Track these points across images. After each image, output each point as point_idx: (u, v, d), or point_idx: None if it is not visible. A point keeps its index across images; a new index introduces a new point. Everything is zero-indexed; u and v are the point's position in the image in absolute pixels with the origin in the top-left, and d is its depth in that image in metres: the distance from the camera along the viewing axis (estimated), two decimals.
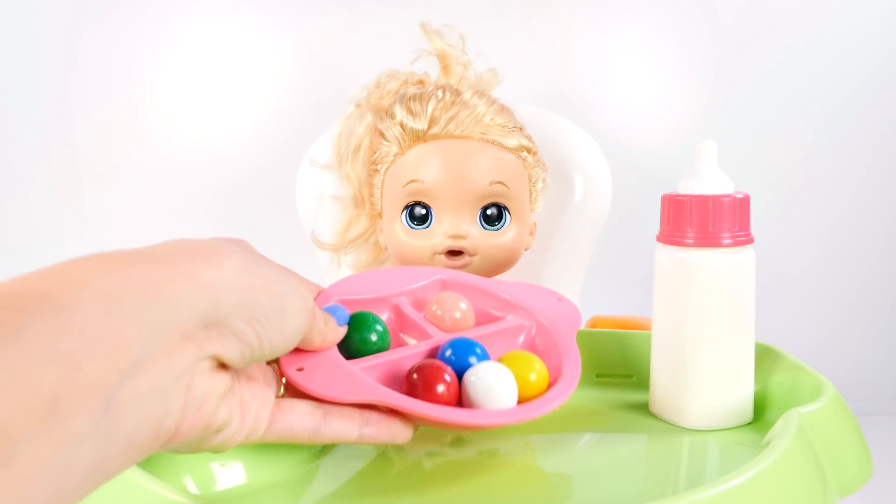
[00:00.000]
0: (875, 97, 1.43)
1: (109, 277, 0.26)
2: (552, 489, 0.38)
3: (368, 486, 0.39)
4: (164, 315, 0.27)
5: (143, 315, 0.26)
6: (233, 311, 0.29)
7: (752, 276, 0.45)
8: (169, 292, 0.27)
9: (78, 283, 0.25)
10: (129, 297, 0.26)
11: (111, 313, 0.25)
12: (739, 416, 0.45)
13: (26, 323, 0.23)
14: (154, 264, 0.28)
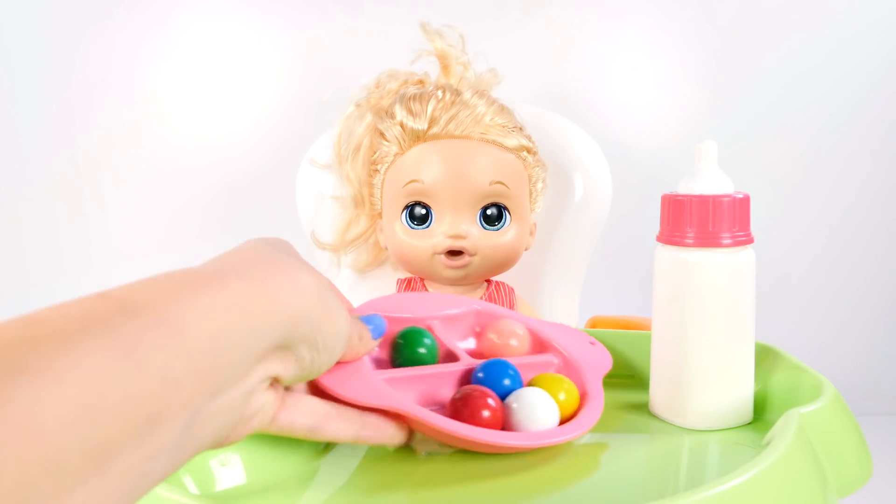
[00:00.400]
0: (875, 97, 1.43)
1: (214, 300, 0.27)
2: (553, 489, 0.38)
3: (368, 486, 0.39)
4: (257, 340, 0.28)
5: (242, 341, 0.28)
6: (302, 339, 0.31)
7: (752, 277, 0.45)
8: (262, 317, 0.28)
9: (187, 302, 0.26)
10: (232, 322, 0.27)
11: (216, 338, 0.26)
12: (739, 417, 0.45)
13: (139, 338, 0.24)
14: (246, 281, 0.28)
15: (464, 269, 0.68)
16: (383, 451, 0.43)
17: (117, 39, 1.29)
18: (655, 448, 0.44)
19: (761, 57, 1.40)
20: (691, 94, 1.41)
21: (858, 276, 1.50)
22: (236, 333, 0.27)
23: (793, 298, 1.48)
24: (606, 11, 1.36)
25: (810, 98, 1.42)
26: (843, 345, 1.51)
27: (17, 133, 1.30)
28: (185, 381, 0.25)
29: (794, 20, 1.39)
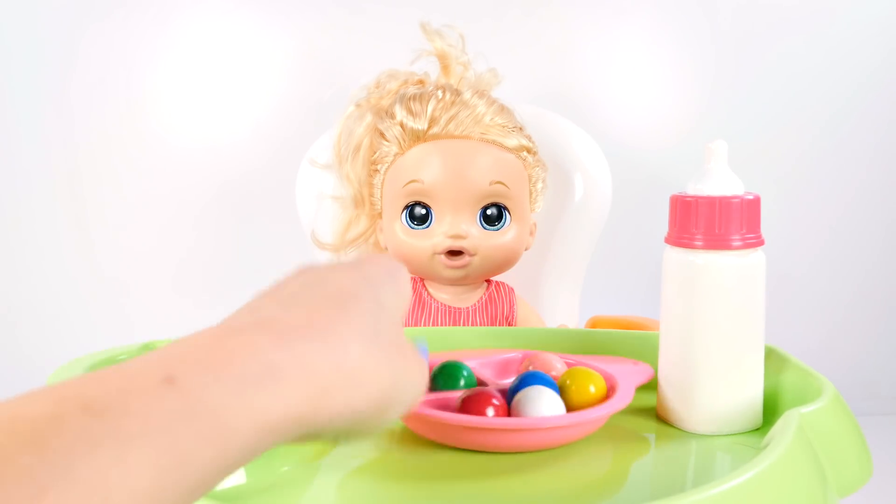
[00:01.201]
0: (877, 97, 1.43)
1: (268, 405, 0.24)
2: (558, 491, 0.38)
3: (368, 486, 0.39)
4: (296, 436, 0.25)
5: (282, 438, 0.24)
6: (330, 420, 0.26)
7: (763, 280, 0.44)
8: (312, 422, 0.25)
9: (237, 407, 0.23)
10: (282, 427, 0.24)
11: (261, 438, 0.24)
12: (748, 422, 0.45)
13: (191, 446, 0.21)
14: (301, 381, 0.25)
15: (464, 269, 0.68)
16: (383, 451, 0.43)
17: (117, 39, 1.29)
18: (662, 453, 0.44)
19: (762, 56, 1.40)
20: (691, 94, 1.41)
21: (858, 276, 1.50)
22: (281, 436, 0.24)
23: (792, 298, 1.48)
24: (606, 11, 1.36)
25: (811, 98, 1.42)
26: (843, 345, 1.51)
27: (16, 133, 1.30)
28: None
29: (795, 19, 1.39)
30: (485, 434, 0.40)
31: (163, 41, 1.30)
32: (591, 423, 0.42)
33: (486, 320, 0.71)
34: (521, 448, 0.41)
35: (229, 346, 0.24)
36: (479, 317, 0.71)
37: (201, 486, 0.22)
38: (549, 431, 0.41)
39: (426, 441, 0.43)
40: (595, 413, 0.41)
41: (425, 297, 0.71)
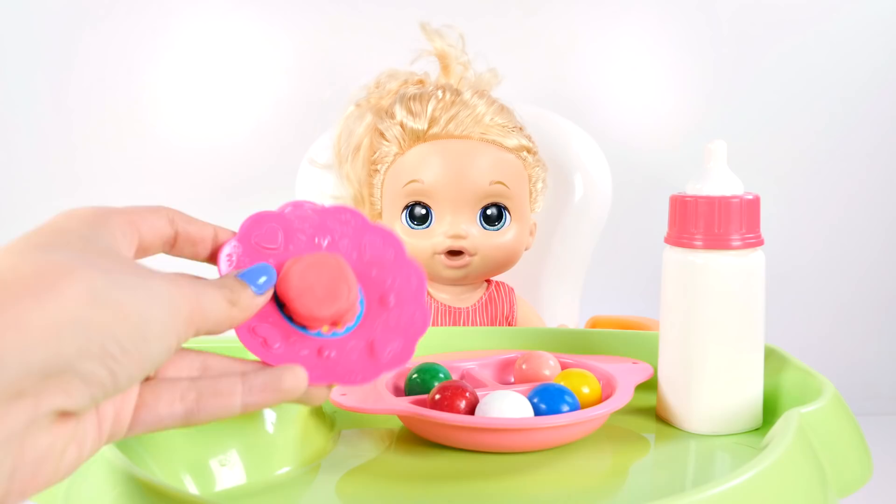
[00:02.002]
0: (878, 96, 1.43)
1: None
2: (557, 492, 0.38)
3: (368, 486, 0.39)
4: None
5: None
6: (78, 355, 0.24)
7: (762, 280, 0.44)
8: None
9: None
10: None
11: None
12: (748, 422, 0.45)
13: None
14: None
15: (464, 269, 0.68)
16: (383, 451, 0.43)
17: (116, 39, 1.29)
18: (661, 453, 0.44)
19: (761, 57, 1.40)
20: (692, 94, 1.40)
21: (858, 275, 1.50)
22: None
23: (792, 298, 1.47)
24: (606, 11, 1.36)
25: (811, 98, 1.42)
26: (843, 345, 1.51)
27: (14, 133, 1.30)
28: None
29: (795, 20, 1.39)
30: (484, 434, 0.40)
31: (163, 41, 1.30)
32: (591, 423, 0.42)
33: (486, 320, 0.71)
34: (520, 448, 0.41)
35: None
36: (479, 317, 0.71)
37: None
38: (548, 431, 0.41)
39: (425, 441, 0.43)
40: (595, 412, 0.41)
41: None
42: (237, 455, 0.39)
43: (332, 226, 0.36)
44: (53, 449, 0.25)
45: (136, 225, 0.31)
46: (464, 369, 0.49)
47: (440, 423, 0.41)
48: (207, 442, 0.38)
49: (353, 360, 0.34)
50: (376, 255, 0.36)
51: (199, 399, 0.30)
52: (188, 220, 0.33)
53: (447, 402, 0.41)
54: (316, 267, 0.33)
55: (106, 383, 0.25)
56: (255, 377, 0.31)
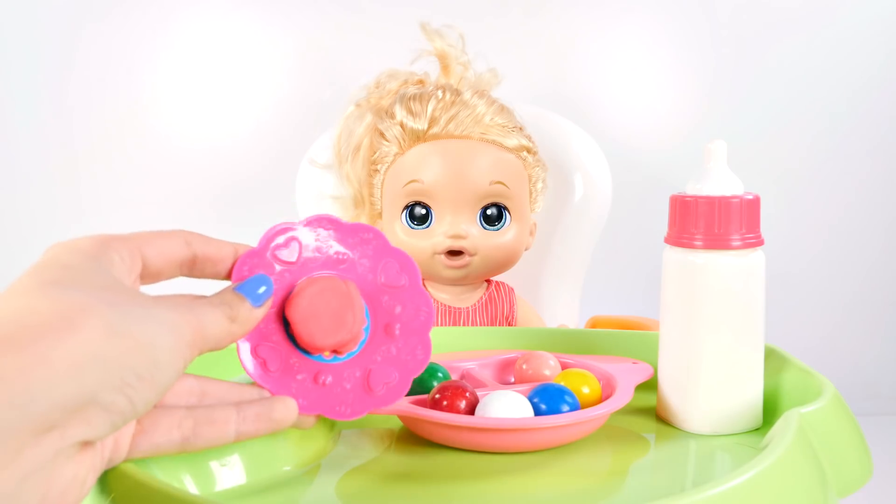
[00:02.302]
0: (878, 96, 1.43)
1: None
2: (556, 492, 0.38)
3: (368, 486, 0.39)
4: (14, 413, 0.24)
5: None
6: (99, 386, 0.26)
7: (762, 280, 0.45)
8: (19, 386, 0.24)
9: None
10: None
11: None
12: (748, 422, 0.45)
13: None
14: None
15: (464, 269, 0.68)
16: (383, 451, 0.43)
17: (117, 39, 1.29)
18: (661, 453, 0.44)
19: (761, 57, 1.40)
20: (692, 94, 1.41)
21: (858, 276, 1.50)
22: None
23: (792, 298, 1.47)
24: (606, 11, 1.36)
25: (811, 98, 1.42)
26: (843, 345, 1.51)
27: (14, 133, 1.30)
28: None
29: (795, 20, 1.39)
30: (484, 434, 0.40)
31: (163, 41, 1.30)
32: (591, 423, 0.42)
33: (486, 320, 0.71)
34: (520, 448, 0.41)
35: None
36: (479, 317, 0.71)
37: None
38: (548, 431, 0.41)
39: (426, 441, 0.43)
40: (595, 412, 0.41)
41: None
42: (237, 455, 0.39)
43: (354, 243, 0.36)
44: (77, 477, 0.27)
45: (140, 251, 0.32)
46: (464, 369, 0.49)
47: (440, 423, 0.41)
48: None
49: (347, 389, 0.34)
50: (390, 280, 0.36)
51: (196, 427, 0.31)
52: (206, 241, 0.34)
53: (447, 402, 0.41)
54: (325, 293, 0.33)
55: (125, 411, 0.27)
56: (248, 407, 0.33)
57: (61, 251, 0.30)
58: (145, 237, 0.32)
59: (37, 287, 0.27)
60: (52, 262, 0.29)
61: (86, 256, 0.29)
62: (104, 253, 0.30)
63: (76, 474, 0.26)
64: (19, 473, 0.24)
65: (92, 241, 0.30)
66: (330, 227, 0.36)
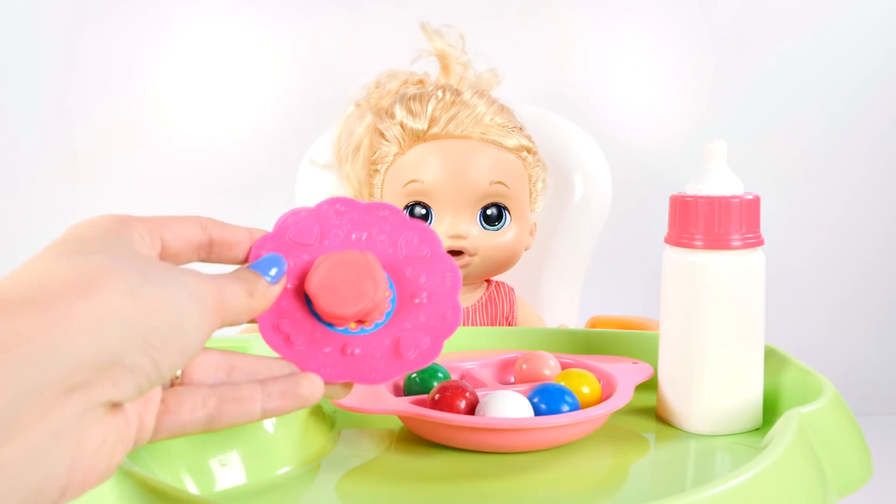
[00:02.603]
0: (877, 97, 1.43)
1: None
2: (556, 492, 0.38)
3: (368, 486, 0.39)
4: (37, 372, 0.24)
5: (7, 376, 0.23)
6: (123, 346, 0.26)
7: (762, 279, 0.45)
8: (42, 344, 0.24)
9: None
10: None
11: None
12: (748, 422, 0.45)
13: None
14: (20, 312, 0.24)
15: (464, 269, 0.68)
16: (383, 451, 0.43)
17: (117, 39, 1.29)
18: (661, 452, 0.44)
19: (762, 56, 1.40)
20: (692, 94, 1.41)
21: (858, 275, 1.50)
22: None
23: (791, 297, 1.48)
24: (606, 11, 1.36)
25: (811, 98, 1.42)
26: (843, 345, 1.51)
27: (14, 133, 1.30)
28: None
29: (795, 19, 1.39)
30: (485, 434, 0.40)
31: (163, 41, 1.30)
32: (591, 423, 0.42)
33: (487, 320, 0.71)
34: (520, 448, 0.41)
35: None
36: (480, 317, 0.71)
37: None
38: (548, 431, 0.41)
39: (425, 441, 0.43)
40: (595, 412, 0.41)
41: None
42: (237, 455, 0.39)
43: (370, 222, 0.36)
44: (106, 442, 0.26)
45: (159, 231, 0.32)
46: (464, 369, 0.49)
47: (440, 423, 0.41)
48: (207, 442, 0.39)
49: (377, 357, 0.34)
50: (412, 252, 0.36)
51: (221, 405, 0.31)
52: (222, 226, 0.34)
53: (447, 402, 0.41)
54: (343, 264, 0.33)
55: (150, 373, 0.27)
56: (274, 384, 0.32)
57: (82, 228, 0.30)
58: (163, 220, 0.32)
59: (58, 255, 0.27)
60: (74, 236, 0.29)
61: (104, 231, 0.30)
62: (124, 230, 0.30)
63: (105, 439, 0.26)
64: (46, 432, 0.24)
65: (112, 219, 0.31)
66: (344, 207, 0.36)
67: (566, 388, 0.43)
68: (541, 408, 0.42)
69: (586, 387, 0.44)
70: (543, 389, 0.43)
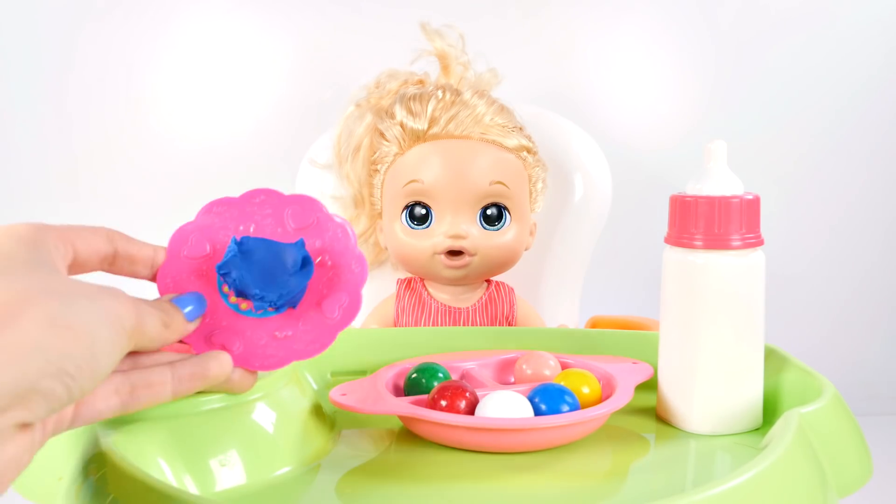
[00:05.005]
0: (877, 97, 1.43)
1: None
2: (555, 492, 0.38)
3: (368, 486, 0.39)
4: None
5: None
6: (39, 375, 0.27)
7: (762, 280, 0.45)
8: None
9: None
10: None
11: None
12: (748, 422, 0.45)
13: None
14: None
15: (464, 269, 0.68)
16: (383, 451, 0.43)
17: (116, 39, 1.29)
18: (661, 452, 0.44)
19: (762, 56, 1.40)
20: (692, 94, 1.40)
21: (858, 276, 1.50)
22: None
23: (791, 297, 1.47)
24: (606, 11, 1.36)
25: (811, 98, 1.42)
26: (843, 345, 1.51)
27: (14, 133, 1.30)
28: None
29: (795, 20, 1.39)
30: (484, 434, 0.40)
31: (163, 41, 1.30)
32: (591, 423, 0.42)
33: (486, 320, 0.71)
34: (520, 448, 0.41)
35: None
36: (479, 317, 0.71)
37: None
38: (548, 431, 0.41)
39: (425, 441, 0.43)
40: (595, 412, 0.41)
41: (425, 298, 0.71)
42: (237, 455, 0.39)
43: (251, 211, 0.38)
44: (15, 456, 0.28)
45: (71, 241, 0.33)
46: (464, 369, 0.49)
47: (440, 423, 0.41)
48: (207, 442, 0.39)
49: (308, 330, 0.35)
50: (300, 223, 0.38)
51: (133, 391, 0.33)
52: (128, 240, 0.36)
53: (447, 402, 0.41)
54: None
55: (63, 397, 0.28)
56: (182, 367, 0.34)
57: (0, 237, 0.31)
58: (75, 229, 0.33)
59: None
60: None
61: (21, 243, 0.30)
62: (42, 240, 0.31)
63: (15, 453, 0.28)
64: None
65: (29, 228, 0.31)
66: (220, 208, 0.38)
67: (566, 388, 0.43)
68: (541, 408, 0.42)
69: (586, 387, 0.44)
70: (543, 389, 0.43)
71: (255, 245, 0.36)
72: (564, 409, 0.42)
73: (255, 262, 0.36)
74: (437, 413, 0.41)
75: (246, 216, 0.37)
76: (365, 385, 0.45)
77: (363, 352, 0.54)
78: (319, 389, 0.51)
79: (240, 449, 0.39)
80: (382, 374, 0.47)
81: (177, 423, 0.38)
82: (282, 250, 0.36)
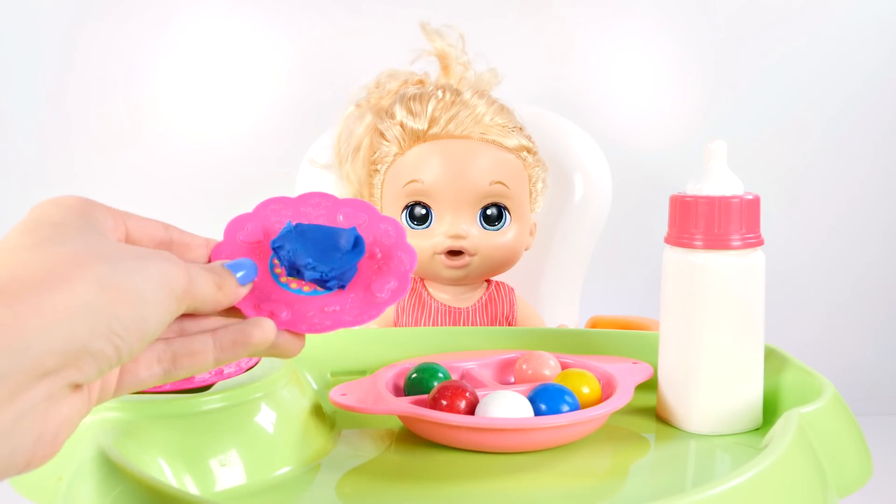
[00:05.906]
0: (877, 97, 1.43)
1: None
2: (556, 492, 0.38)
3: (368, 486, 0.39)
4: (10, 360, 0.25)
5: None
6: (90, 335, 0.27)
7: (762, 280, 0.45)
8: (14, 334, 0.25)
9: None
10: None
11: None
12: (748, 422, 0.45)
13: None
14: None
15: (464, 269, 0.68)
16: (383, 451, 0.43)
17: (116, 39, 1.29)
18: (661, 452, 0.44)
19: (762, 56, 1.40)
20: (692, 94, 1.40)
21: (858, 276, 1.50)
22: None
23: (791, 297, 1.47)
24: (606, 11, 1.36)
25: (811, 98, 1.42)
26: (843, 345, 1.51)
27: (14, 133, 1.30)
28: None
29: (795, 20, 1.39)
30: (484, 434, 0.40)
31: (163, 41, 1.30)
32: (591, 423, 0.42)
33: (486, 320, 0.71)
34: (520, 448, 0.41)
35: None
36: (479, 317, 0.71)
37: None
38: (548, 431, 0.41)
39: (425, 441, 0.43)
40: (595, 412, 0.41)
41: (425, 297, 0.71)
42: (237, 455, 0.39)
43: (307, 210, 0.39)
44: (68, 417, 0.28)
45: (123, 219, 0.33)
46: (464, 369, 0.49)
47: (440, 423, 0.41)
48: (207, 442, 0.39)
49: (356, 306, 0.35)
50: (351, 222, 0.39)
51: (175, 359, 0.33)
52: (181, 231, 0.36)
53: (447, 402, 0.41)
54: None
55: (112, 358, 0.28)
56: (224, 334, 0.33)
57: (48, 208, 0.31)
58: (126, 213, 0.34)
59: (28, 245, 0.28)
60: (42, 219, 0.30)
61: (74, 212, 0.31)
62: (90, 212, 0.31)
63: (67, 415, 0.28)
64: (15, 412, 0.26)
65: (79, 199, 0.32)
66: (277, 205, 0.39)
67: (566, 388, 0.43)
68: (541, 408, 0.42)
69: (586, 387, 0.44)
70: (543, 389, 0.43)
71: (310, 227, 0.37)
72: (564, 409, 0.42)
73: (309, 240, 0.37)
74: (438, 413, 0.41)
75: (301, 214, 0.39)
76: (365, 385, 0.45)
77: (363, 352, 0.54)
78: (319, 389, 0.51)
79: (240, 449, 0.39)
80: (382, 374, 0.47)
81: (177, 423, 0.38)
82: (335, 232, 0.37)
